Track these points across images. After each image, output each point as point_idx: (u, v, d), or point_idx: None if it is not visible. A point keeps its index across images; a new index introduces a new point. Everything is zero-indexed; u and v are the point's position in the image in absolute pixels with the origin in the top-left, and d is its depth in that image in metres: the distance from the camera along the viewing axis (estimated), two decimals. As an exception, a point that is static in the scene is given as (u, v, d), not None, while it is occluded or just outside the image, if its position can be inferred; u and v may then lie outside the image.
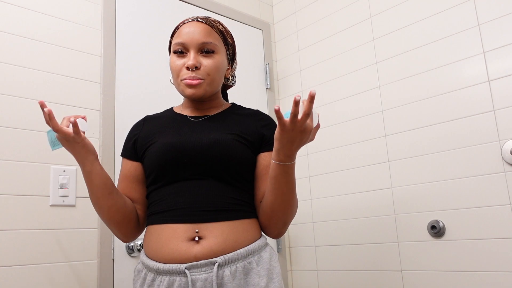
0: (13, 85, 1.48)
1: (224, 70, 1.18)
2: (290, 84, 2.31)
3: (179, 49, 1.13)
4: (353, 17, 2.06)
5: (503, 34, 1.56)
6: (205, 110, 1.21)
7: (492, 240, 1.51)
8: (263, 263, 1.06)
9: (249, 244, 1.06)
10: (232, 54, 1.23)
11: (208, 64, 1.12)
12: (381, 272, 1.80)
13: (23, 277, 1.38)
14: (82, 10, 1.70)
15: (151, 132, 1.18)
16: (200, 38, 1.12)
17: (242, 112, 1.22)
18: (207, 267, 1.00)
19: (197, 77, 1.10)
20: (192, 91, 1.11)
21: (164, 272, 1.02)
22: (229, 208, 1.06)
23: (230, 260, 1.02)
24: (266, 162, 1.14)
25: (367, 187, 1.90)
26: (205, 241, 1.02)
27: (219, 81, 1.16)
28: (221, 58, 1.15)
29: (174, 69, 1.14)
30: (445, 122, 1.67)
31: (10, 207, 1.40)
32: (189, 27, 1.14)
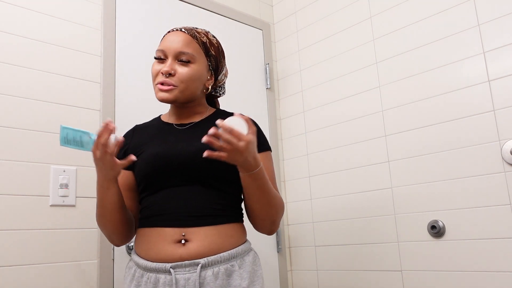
0: (13, 85, 1.48)
1: (201, 80, 1.22)
2: (290, 84, 2.31)
3: (159, 55, 1.20)
4: (353, 17, 2.06)
5: (503, 34, 1.56)
6: (189, 117, 1.27)
7: (492, 240, 1.51)
8: (246, 266, 1.12)
9: (233, 248, 1.12)
10: (216, 65, 1.27)
11: (182, 72, 1.17)
12: (381, 272, 1.80)
13: (23, 277, 1.38)
14: (82, 10, 1.70)
15: (140, 142, 1.24)
16: (178, 48, 1.18)
17: (225, 117, 1.26)
18: (190, 267, 1.07)
19: (169, 82, 1.17)
20: (161, 95, 1.17)
21: (151, 270, 1.09)
22: (214, 213, 1.13)
23: (213, 262, 1.08)
24: None
25: (367, 187, 1.90)
26: (190, 244, 1.09)
27: (194, 90, 1.21)
28: (197, 68, 1.20)
29: (152, 74, 1.21)
30: (445, 122, 1.67)
31: (10, 207, 1.40)
32: (172, 36, 1.20)
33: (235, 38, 2.25)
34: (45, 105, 1.53)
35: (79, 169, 1.57)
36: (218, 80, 1.30)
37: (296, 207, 2.18)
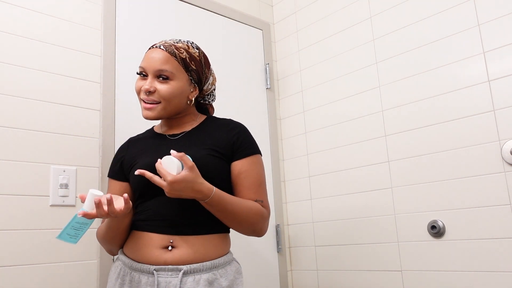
0: (13, 85, 1.48)
1: (183, 95, 1.25)
2: (290, 84, 2.31)
3: (141, 71, 1.24)
4: (353, 17, 2.06)
5: (503, 34, 1.56)
6: (180, 127, 1.31)
7: (492, 240, 1.51)
8: (227, 276, 1.17)
9: (216, 259, 1.17)
10: (198, 78, 1.28)
11: (162, 89, 1.21)
12: (381, 272, 1.80)
13: (23, 277, 1.38)
14: (82, 10, 1.70)
15: (134, 153, 1.29)
16: (156, 66, 1.21)
17: (214, 124, 1.31)
18: (173, 272, 1.12)
19: (151, 99, 1.22)
20: (145, 113, 1.23)
21: (135, 269, 1.15)
22: (203, 222, 1.17)
23: (195, 270, 1.13)
24: (237, 171, 1.23)
25: (367, 187, 1.90)
26: (176, 250, 1.14)
27: (177, 104, 1.24)
28: (177, 85, 1.22)
29: (136, 90, 1.26)
30: (445, 122, 1.67)
31: (10, 207, 1.40)
32: (151, 53, 1.24)
33: (235, 38, 2.25)
34: (45, 105, 1.53)
35: (79, 169, 1.57)
36: (204, 90, 1.33)
37: (296, 207, 2.18)
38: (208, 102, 1.38)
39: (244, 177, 1.23)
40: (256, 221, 1.21)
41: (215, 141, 1.24)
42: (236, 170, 1.23)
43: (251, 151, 1.26)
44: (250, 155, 1.25)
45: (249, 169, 1.23)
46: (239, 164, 1.23)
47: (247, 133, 1.29)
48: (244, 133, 1.28)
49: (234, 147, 1.24)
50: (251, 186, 1.23)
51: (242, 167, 1.23)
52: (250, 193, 1.22)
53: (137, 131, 1.78)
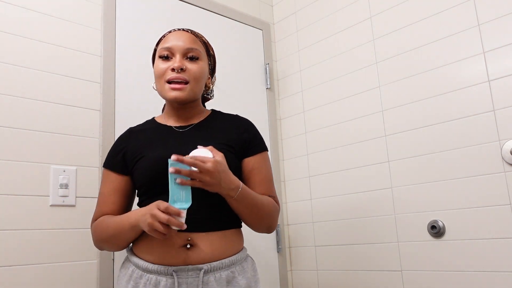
0: (13, 85, 1.48)
1: (205, 78, 1.24)
2: (290, 84, 2.31)
3: (165, 54, 1.19)
4: (353, 17, 2.06)
5: (503, 34, 1.56)
6: (188, 119, 1.26)
7: (492, 240, 1.51)
8: (244, 273, 1.14)
9: (233, 255, 1.14)
10: (213, 66, 1.30)
11: (193, 68, 1.18)
12: (381, 272, 1.80)
13: (23, 277, 1.38)
14: (82, 10, 1.70)
15: (138, 145, 1.22)
16: (186, 44, 1.19)
17: (223, 118, 1.29)
18: (193, 272, 1.06)
19: (182, 77, 1.16)
20: (175, 94, 1.16)
21: (152, 271, 1.08)
22: (219, 218, 1.14)
23: (215, 268, 1.09)
24: (250, 167, 1.21)
25: (367, 187, 1.89)
26: (195, 249, 1.09)
27: (201, 88, 1.22)
28: (204, 65, 1.22)
29: (158, 72, 1.19)
30: (445, 122, 1.67)
31: (10, 207, 1.40)
32: (176, 35, 1.22)
33: (235, 38, 2.25)
34: (45, 105, 1.53)
35: (79, 169, 1.57)
36: (212, 81, 1.32)
37: (296, 207, 2.18)
38: (210, 96, 1.36)
39: (256, 173, 1.21)
40: (274, 216, 1.21)
41: (226, 136, 1.21)
42: (249, 166, 1.22)
43: (261, 147, 1.25)
44: (261, 152, 1.24)
45: (261, 165, 1.22)
46: (251, 160, 1.22)
47: (256, 129, 1.28)
48: (254, 129, 1.27)
49: (246, 144, 1.22)
50: (262, 182, 1.22)
51: (254, 164, 1.22)
52: (262, 189, 1.20)
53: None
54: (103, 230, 1.16)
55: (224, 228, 1.14)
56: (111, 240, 1.15)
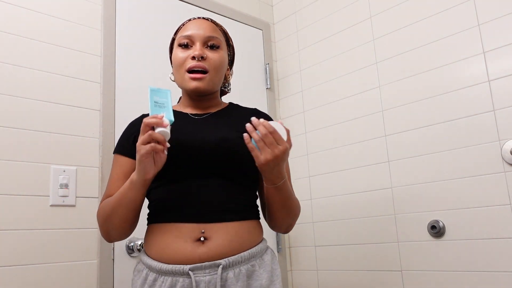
0: (13, 85, 1.48)
1: (225, 69, 1.19)
2: (290, 84, 2.31)
3: (185, 42, 1.14)
4: (353, 17, 2.06)
5: (503, 34, 1.56)
6: (205, 108, 1.20)
7: (492, 240, 1.51)
8: (265, 266, 1.06)
9: (253, 247, 1.06)
10: (232, 57, 1.26)
11: (214, 57, 1.13)
12: (381, 272, 1.80)
13: (23, 277, 1.38)
14: (82, 10, 1.70)
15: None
16: (207, 32, 1.14)
17: (241, 110, 1.24)
18: (211, 269, 0.99)
19: (202, 65, 1.11)
20: (196, 84, 1.11)
21: (166, 273, 1.00)
22: (235, 208, 1.06)
23: (234, 263, 1.01)
24: None
25: (367, 187, 1.89)
26: (210, 242, 1.01)
27: (221, 78, 1.17)
28: (224, 55, 1.17)
29: (177, 61, 1.14)
30: (445, 122, 1.67)
31: (10, 207, 1.40)
32: (196, 23, 1.17)
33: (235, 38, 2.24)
34: (45, 105, 1.53)
35: (79, 169, 1.57)
36: (230, 74, 1.28)
37: (296, 207, 2.18)
38: (227, 90, 1.31)
39: None
40: (299, 213, 1.16)
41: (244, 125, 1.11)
42: None
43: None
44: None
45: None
46: None
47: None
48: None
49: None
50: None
51: None
52: None
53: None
54: (106, 205, 1.06)
55: (241, 219, 1.06)
56: (114, 211, 1.03)
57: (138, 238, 1.65)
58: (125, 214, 1.03)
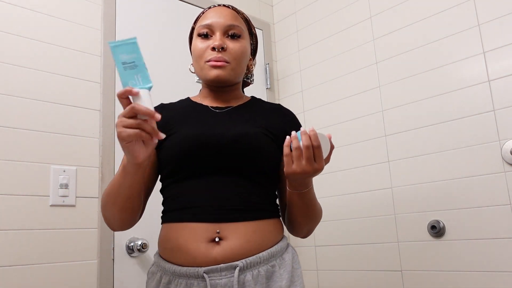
0: (13, 85, 1.48)
1: (247, 59, 1.13)
2: (290, 84, 2.31)
3: (204, 31, 1.08)
4: (353, 17, 2.06)
5: (503, 34, 1.56)
6: (225, 101, 1.13)
7: (492, 240, 1.51)
8: (286, 266, 1.00)
9: (272, 246, 0.99)
10: (255, 46, 1.19)
11: (235, 48, 1.07)
12: (381, 272, 1.80)
13: (23, 277, 1.38)
14: (82, 10, 1.70)
15: (171, 121, 1.08)
16: (227, 21, 1.08)
17: (265, 105, 1.17)
18: (227, 271, 0.93)
19: (223, 58, 1.05)
20: (216, 73, 1.04)
21: (180, 275, 0.95)
22: (253, 207, 0.99)
23: (252, 264, 0.95)
24: None
25: (367, 187, 1.90)
26: (226, 243, 0.95)
27: (243, 69, 1.11)
28: (246, 44, 1.11)
29: (197, 52, 1.08)
30: (445, 122, 1.67)
31: (10, 207, 1.40)
32: (216, 11, 1.10)
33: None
34: (45, 105, 1.53)
35: (79, 169, 1.57)
36: (253, 64, 1.21)
37: (296, 207, 2.18)
38: (250, 81, 1.24)
39: None
40: (320, 218, 1.10)
41: (268, 122, 1.08)
42: None
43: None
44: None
45: None
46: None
47: (299, 122, 1.16)
48: (298, 122, 1.15)
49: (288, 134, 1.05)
50: None
51: None
52: None
53: (137, 131, 1.78)
54: (104, 193, 0.99)
55: (260, 218, 0.99)
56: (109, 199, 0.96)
57: (138, 238, 1.65)
58: (123, 202, 0.95)
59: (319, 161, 0.90)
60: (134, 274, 1.64)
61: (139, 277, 1.65)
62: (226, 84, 1.10)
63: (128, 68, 0.80)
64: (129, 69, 0.80)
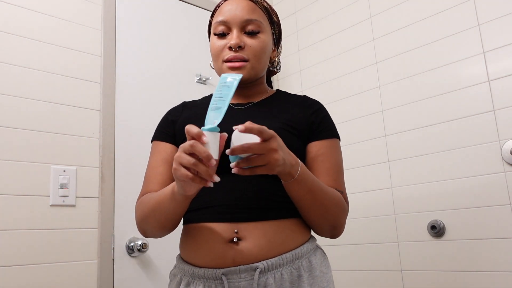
0: (13, 85, 1.48)
1: (269, 52, 1.07)
2: (290, 84, 2.31)
3: (220, 30, 1.03)
4: (353, 17, 2.06)
5: (503, 34, 1.56)
6: (248, 97, 1.09)
7: (492, 240, 1.51)
8: (313, 270, 0.93)
9: (297, 247, 0.92)
10: (278, 34, 1.13)
11: (253, 45, 1.01)
12: (381, 272, 1.80)
13: (23, 277, 1.38)
14: (82, 10, 1.70)
15: (191, 118, 1.04)
16: (244, 15, 1.01)
17: (289, 99, 1.11)
18: (247, 273, 0.87)
19: (241, 56, 1.00)
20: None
21: (199, 277, 0.91)
22: (274, 205, 0.93)
23: (274, 266, 0.88)
24: (314, 153, 1.01)
25: (367, 187, 1.89)
26: (245, 243, 0.89)
27: (265, 64, 1.06)
28: (266, 38, 1.04)
29: (214, 51, 1.03)
30: (445, 122, 1.67)
31: (10, 207, 1.40)
32: (231, 4, 1.03)
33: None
34: (45, 105, 1.53)
35: (79, 169, 1.57)
36: (278, 52, 1.15)
37: (296, 207, 2.18)
38: (276, 69, 1.17)
39: (322, 160, 1.00)
40: (340, 213, 0.96)
41: (291, 116, 1.02)
42: (313, 152, 1.01)
43: (331, 133, 1.04)
44: (329, 138, 1.03)
45: (327, 152, 1.01)
46: (317, 145, 1.01)
47: (327, 113, 1.08)
48: (324, 112, 1.07)
49: (313, 127, 1.02)
50: (329, 172, 1.00)
51: (320, 149, 1.01)
52: (328, 180, 0.98)
53: (138, 131, 1.78)
54: (145, 204, 0.96)
55: (282, 217, 0.93)
56: (151, 214, 0.94)
57: (138, 238, 1.65)
58: (163, 221, 0.93)
59: (260, 150, 0.76)
60: (134, 274, 1.64)
61: (139, 277, 1.65)
62: (247, 83, 1.05)
63: (215, 105, 0.77)
64: (215, 109, 0.77)
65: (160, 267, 1.72)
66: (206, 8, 2.15)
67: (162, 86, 1.90)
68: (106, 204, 1.61)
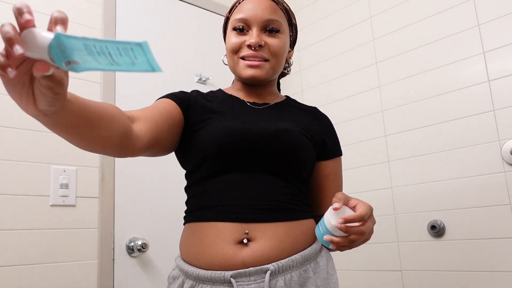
0: (13, 85, 1.48)
1: (286, 54, 1.05)
2: (290, 84, 2.31)
3: (240, 26, 1.00)
4: (353, 17, 2.06)
5: (503, 34, 1.56)
6: (260, 97, 1.07)
7: (492, 240, 1.51)
8: (320, 271, 0.92)
9: (306, 248, 0.91)
10: (295, 37, 1.12)
11: (274, 44, 0.99)
12: (381, 272, 1.80)
13: (23, 277, 1.38)
14: (82, 10, 1.70)
15: (207, 108, 0.99)
16: (265, 15, 0.99)
17: (301, 106, 1.12)
18: (257, 276, 0.84)
19: (261, 55, 0.98)
20: (252, 72, 0.98)
21: (205, 280, 0.86)
22: (285, 207, 0.91)
23: (284, 268, 0.86)
24: (327, 172, 1.05)
25: (367, 187, 1.90)
26: (255, 244, 0.86)
27: (282, 65, 1.04)
28: (286, 39, 1.03)
29: (231, 46, 1.00)
30: (445, 122, 1.67)
31: (10, 207, 1.40)
32: (252, 2, 1.01)
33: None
34: (45, 105, 1.53)
35: (79, 169, 1.57)
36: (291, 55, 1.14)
37: (296, 207, 2.18)
38: (287, 71, 1.16)
39: (333, 179, 1.06)
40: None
41: (307, 124, 1.02)
42: (326, 171, 1.04)
43: (340, 151, 1.09)
44: (339, 156, 1.08)
45: (337, 171, 1.07)
46: (330, 164, 1.05)
47: (335, 129, 1.12)
48: (334, 129, 1.11)
49: (327, 144, 1.05)
50: (336, 190, 1.06)
51: (332, 169, 1.05)
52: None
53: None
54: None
55: (293, 219, 0.91)
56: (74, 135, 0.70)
57: (138, 238, 1.65)
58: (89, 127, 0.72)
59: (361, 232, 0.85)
60: (134, 274, 1.64)
61: (139, 277, 1.65)
62: (263, 82, 1.04)
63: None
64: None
65: (160, 267, 1.72)
66: (206, 8, 2.15)
67: (162, 86, 1.90)
68: (106, 204, 1.61)
